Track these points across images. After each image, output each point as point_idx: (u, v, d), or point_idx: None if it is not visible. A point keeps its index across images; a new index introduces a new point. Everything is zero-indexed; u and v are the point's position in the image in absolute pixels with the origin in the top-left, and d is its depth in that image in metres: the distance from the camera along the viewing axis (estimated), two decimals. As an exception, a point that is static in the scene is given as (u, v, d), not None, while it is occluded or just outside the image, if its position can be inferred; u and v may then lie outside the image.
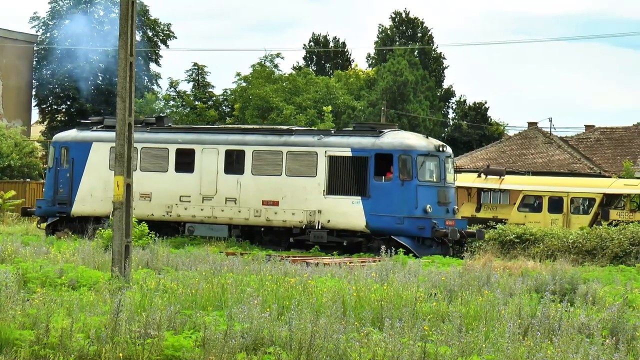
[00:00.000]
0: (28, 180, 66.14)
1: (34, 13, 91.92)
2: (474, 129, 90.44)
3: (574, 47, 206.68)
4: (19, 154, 68.20)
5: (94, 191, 47.96)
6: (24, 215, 54.06)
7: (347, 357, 17.03)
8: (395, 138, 44.71)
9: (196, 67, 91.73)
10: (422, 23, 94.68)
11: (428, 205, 43.02)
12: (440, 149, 45.03)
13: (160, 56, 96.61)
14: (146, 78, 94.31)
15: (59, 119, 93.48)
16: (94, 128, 50.21)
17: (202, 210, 46.20)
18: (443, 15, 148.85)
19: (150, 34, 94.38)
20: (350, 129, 48.14)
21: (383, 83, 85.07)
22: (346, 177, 43.97)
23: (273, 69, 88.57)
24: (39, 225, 50.27)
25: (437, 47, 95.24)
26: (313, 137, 45.71)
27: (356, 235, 43.26)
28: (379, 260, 35.25)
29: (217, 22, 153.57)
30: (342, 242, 43.14)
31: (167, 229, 46.49)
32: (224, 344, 17.71)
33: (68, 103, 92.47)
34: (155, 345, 18.04)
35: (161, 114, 66.92)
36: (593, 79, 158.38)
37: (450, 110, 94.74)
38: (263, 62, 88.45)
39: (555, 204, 54.61)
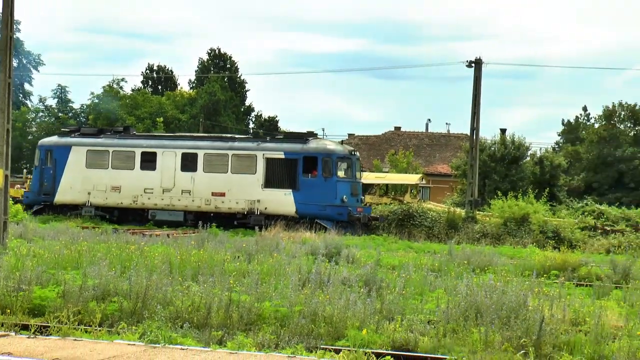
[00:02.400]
0: None
1: None
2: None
3: (341, 76, 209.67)
4: None
5: (73, 184, 46.32)
6: (16, 203, 52.30)
7: (173, 303, 16.91)
8: (319, 144, 43.59)
9: (60, 87, 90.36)
10: (230, 57, 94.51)
11: (344, 196, 42.13)
12: (352, 152, 44.48)
13: (33, 78, 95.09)
14: (21, 95, 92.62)
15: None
16: (73, 135, 48.30)
17: (162, 199, 44.54)
18: (246, 52, 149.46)
19: (24, 61, 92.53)
20: (282, 137, 46.54)
21: (201, 101, 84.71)
22: (280, 174, 42.73)
23: (119, 89, 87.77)
24: (26, 211, 47.54)
25: (241, 75, 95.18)
26: (253, 143, 44.39)
27: (288, 219, 41.64)
28: (198, 232, 35.08)
29: (77, 53, 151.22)
30: (275, 224, 41.01)
31: (134, 214, 45.13)
32: (79, 295, 17.46)
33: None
34: (26, 297, 17.69)
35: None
36: (355, 100, 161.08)
37: (251, 122, 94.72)
38: (111, 85, 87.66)
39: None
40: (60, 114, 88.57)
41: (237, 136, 47.79)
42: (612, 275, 24.94)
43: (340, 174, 42.78)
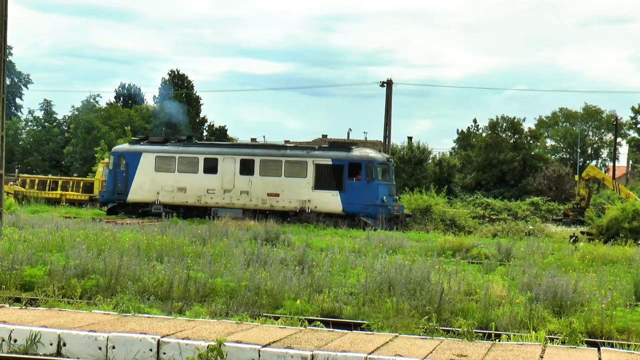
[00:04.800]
0: None
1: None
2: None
3: (277, 93, 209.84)
4: None
5: (143, 185, 44.05)
6: (91, 202, 49.91)
7: (141, 280, 16.75)
8: (362, 152, 41.72)
9: (46, 101, 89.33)
10: (187, 77, 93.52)
11: (384, 197, 40.44)
12: (389, 159, 42.84)
13: (23, 94, 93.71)
14: (13, 107, 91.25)
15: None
16: (142, 143, 45.91)
17: (223, 199, 42.45)
18: (200, 73, 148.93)
19: (16, 80, 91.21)
20: (327, 145, 44.16)
21: (163, 113, 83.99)
22: (328, 178, 40.88)
23: (95, 103, 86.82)
24: (100, 208, 46.35)
25: (196, 92, 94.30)
26: (303, 151, 42.41)
27: (335, 216, 39.99)
28: (161, 221, 34.73)
29: (60, 73, 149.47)
30: (325, 221, 39.79)
31: (198, 211, 42.54)
32: (63, 273, 17.25)
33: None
34: (18, 275, 17.45)
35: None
36: (289, 112, 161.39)
37: (205, 131, 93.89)
38: (89, 99, 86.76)
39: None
40: (46, 124, 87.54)
41: (288, 145, 45.87)
42: (497, 255, 25.24)
43: (380, 177, 41.11)
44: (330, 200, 40.78)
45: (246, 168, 42.60)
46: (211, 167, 43.30)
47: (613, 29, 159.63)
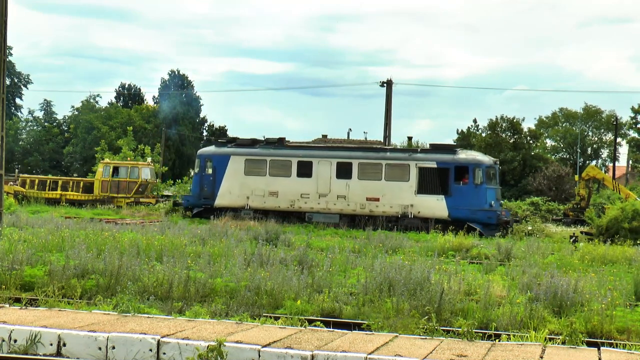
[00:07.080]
0: None
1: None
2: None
3: (277, 93, 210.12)
4: None
5: (232, 190, 42.18)
6: (175, 206, 47.29)
7: (141, 280, 16.75)
8: (468, 155, 39.92)
9: (46, 101, 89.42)
10: (187, 77, 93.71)
11: (492, 202, 38.67)
12: (496, 162, 41.01)
13: (23, 94, 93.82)
14: (13, 107, 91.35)
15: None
16: (229, 145, 43.86)
17: (318, 204, 40.51)
18: (200, 73, 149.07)
19: (15, 80, 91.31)
20: (429, 148, 42.21)
21: (163, 113, 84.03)
22: (432, 181, 38.86)
23: (95, 103, 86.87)
24: (185, 214, 44.13)
25: (197, 92, 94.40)
26: (404, 154, 40.76)
27: (439, 222, 37.89)
28: (161, 221, 34.74)
29: (60, 73, 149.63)
30: (429, 227, 37.64)
31: (291, 216, 40.91)
32: (63, 273, 17.24)
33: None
34: (18, 275, 17.45)
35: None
36: (289, 112, 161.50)
37: (205, 131, 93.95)
38: (89, 100, 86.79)
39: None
40: (46, 124, 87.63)
41: (387, 147, 44.02)
42: (497, 255, 25.24)
43: (488, 181, 39.38)
44: (435, 205, 38.93)
45: (343, 171, 40.83)
46: (305, 170, 41.53)
47: (613, 29, 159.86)
